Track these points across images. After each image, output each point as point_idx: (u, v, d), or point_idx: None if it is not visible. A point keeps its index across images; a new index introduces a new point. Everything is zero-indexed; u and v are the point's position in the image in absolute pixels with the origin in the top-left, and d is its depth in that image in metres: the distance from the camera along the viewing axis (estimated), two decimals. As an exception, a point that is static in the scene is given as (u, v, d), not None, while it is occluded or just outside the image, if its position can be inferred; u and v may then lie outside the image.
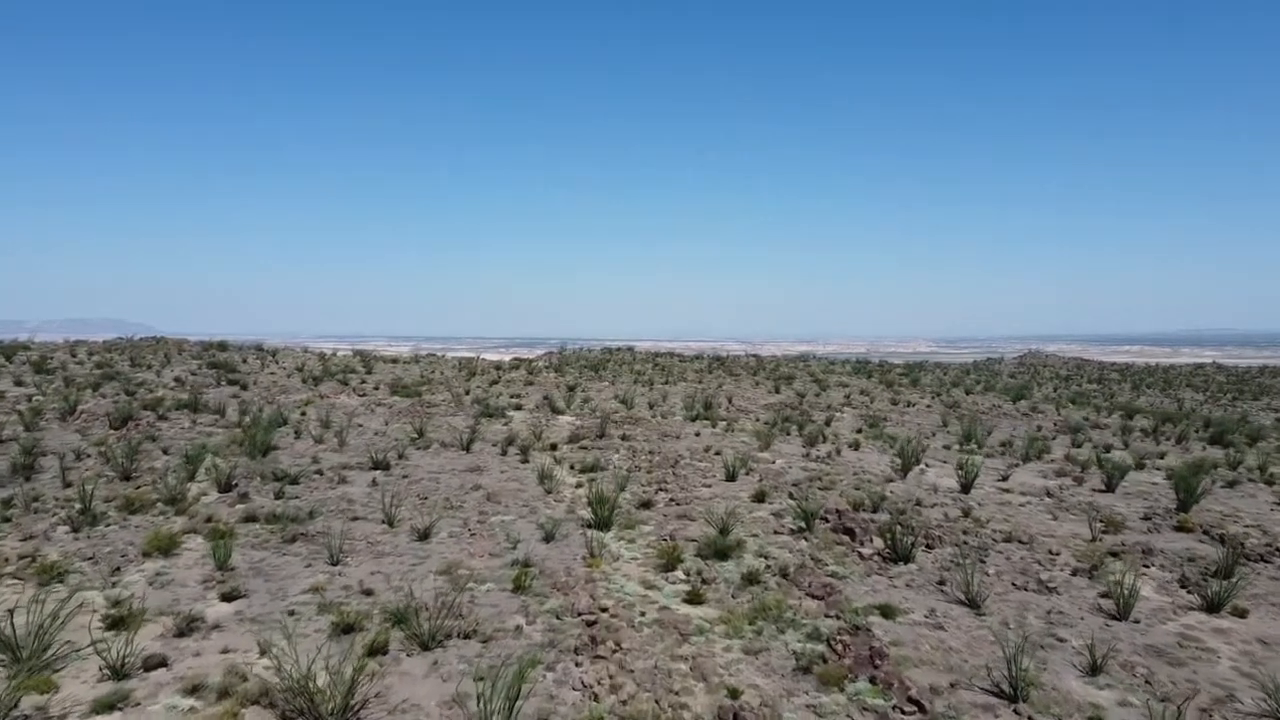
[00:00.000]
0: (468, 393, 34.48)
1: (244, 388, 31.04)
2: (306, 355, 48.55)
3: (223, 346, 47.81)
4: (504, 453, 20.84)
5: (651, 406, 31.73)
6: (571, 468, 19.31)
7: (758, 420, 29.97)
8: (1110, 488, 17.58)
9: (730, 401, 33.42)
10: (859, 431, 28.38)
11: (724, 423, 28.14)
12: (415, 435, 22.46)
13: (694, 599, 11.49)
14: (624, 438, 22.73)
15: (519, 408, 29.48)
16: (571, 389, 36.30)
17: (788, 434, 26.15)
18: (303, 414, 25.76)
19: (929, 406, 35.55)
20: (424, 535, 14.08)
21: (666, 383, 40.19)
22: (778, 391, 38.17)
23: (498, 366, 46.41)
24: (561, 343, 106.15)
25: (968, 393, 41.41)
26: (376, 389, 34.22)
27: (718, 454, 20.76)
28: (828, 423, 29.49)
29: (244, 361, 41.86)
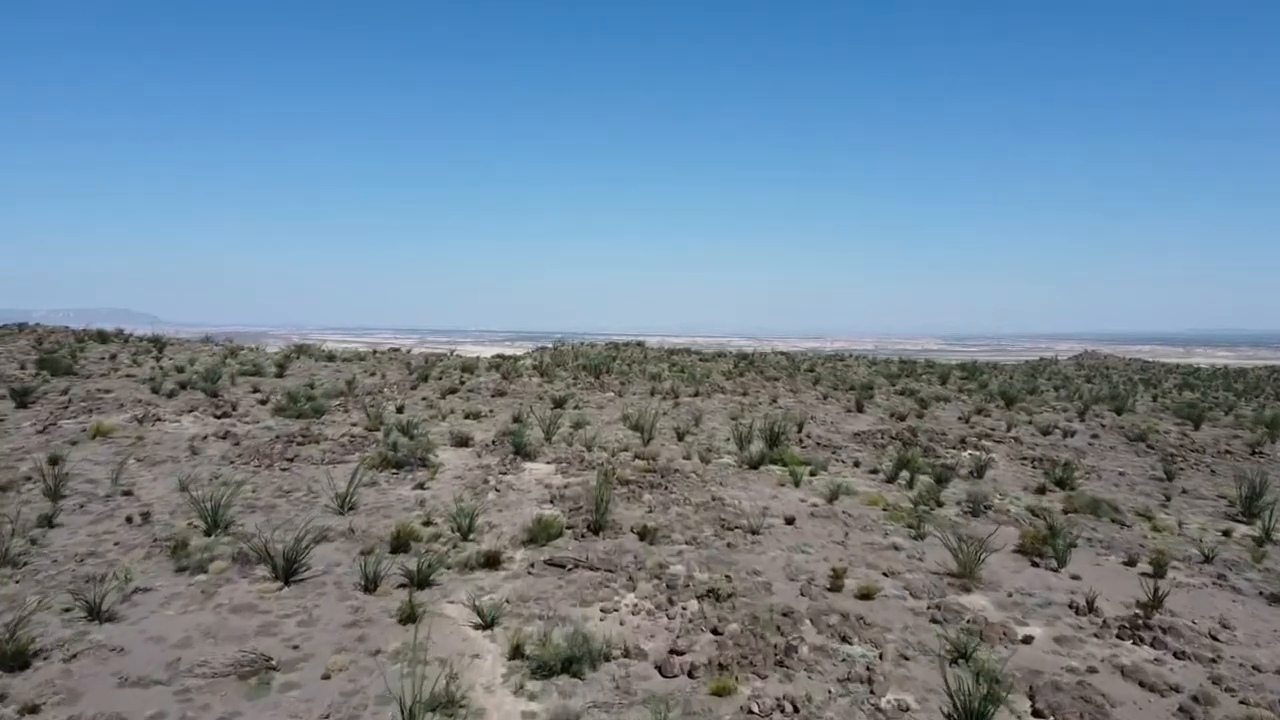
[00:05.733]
0: (400, 410, 22.74)
1: (24, 404, 19.28)
2: (212, 349, 36.84)
3: (103, 337, 36.17)
4: (369, 587, 9.06)
5: (682, 438, 19.93)
6: (518, 655, 7.54)
7: (859, 465, 18.15)
8: None
9: (801, 429, 21.57)
10: (1041, 491, 16.56)
11: (807, 470, 16.39)
12: (208, 526, 10.68)
13: None
14: (644, 534, 10.87)
15: (465, 442, 17.67)
16: (559, 404, 24.51)
17: (939, 503, 14.32)
18: (52, 463, 13.97)
19: (1095, 438, 23.61)
20: None
21: (696, 394, 28.34)
22: (860, 409, 26.25)
23: (467, 367, 34.58)
24: (561, 337, 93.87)
25: (1119, 411, 29.40)
26: (265, 402, 22.56)
27: (866, 598, 8.92)
28: (979, 473, 17.67)
29: (110, 358, 30.26)
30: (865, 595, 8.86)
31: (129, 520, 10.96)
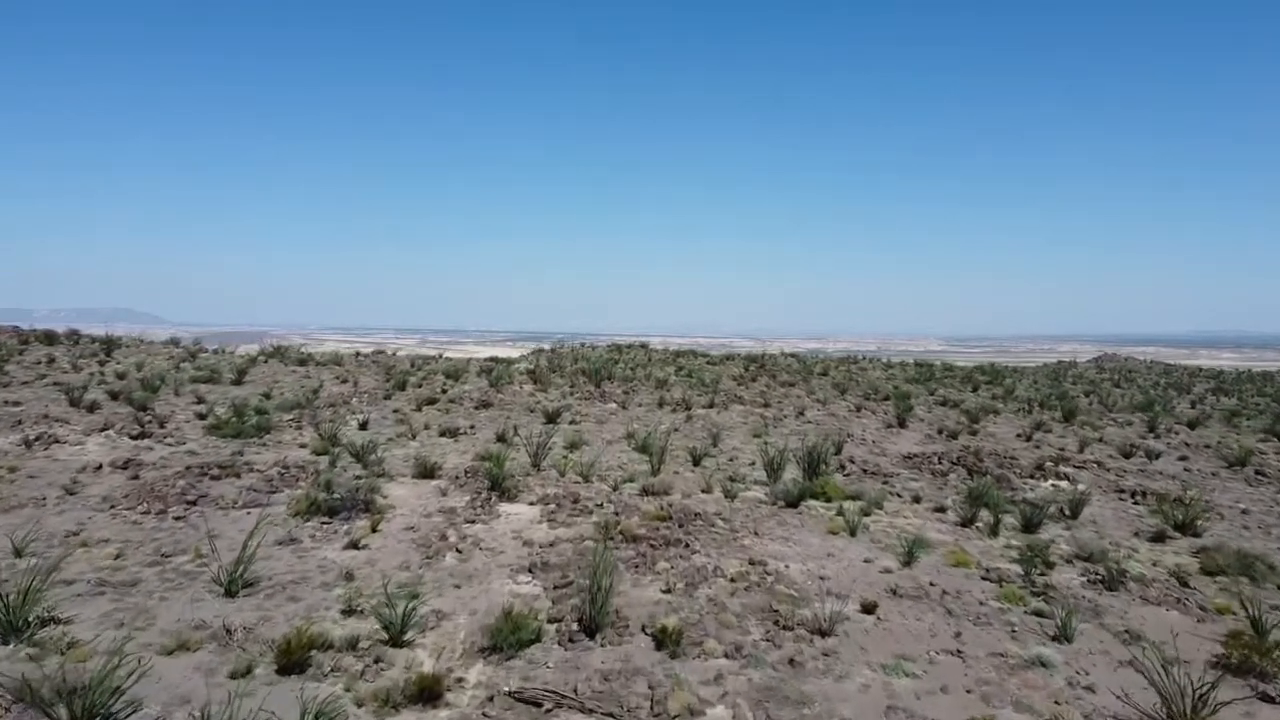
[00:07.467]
0: (364, 425, 19.23)
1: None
2: (171, 351, 33.33)
3: (50, 338, 32.67)
4: (216, 760, 5.55)
5: (699, 462, 16.41)
6: None
7: (919, 501, 14.60)
8: None
9: (840, 451, 18.01)
10: (1160, 539, 12.99)
11: (857, 506, 12.94)
12: (4, 630, 7.16)
13: None
14: (662, 639, 7.30)
15: (430, 473, 14.11)
16: (553, 419, 20.98)
17: (1046, 564, 10.76)
18: None
19: (1185, 460, 20.01)
20: None
21: (711, 404, 24.77)
22: (902, 424, 22.67)
23: (452, 373, 31.02)
24: (562, 338, 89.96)
25: (1193, 426, 25.79)
26: (204, 416, 19.08)
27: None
28: (1074, 512, 14.10)
29: (48, 361, 26.79)
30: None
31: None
